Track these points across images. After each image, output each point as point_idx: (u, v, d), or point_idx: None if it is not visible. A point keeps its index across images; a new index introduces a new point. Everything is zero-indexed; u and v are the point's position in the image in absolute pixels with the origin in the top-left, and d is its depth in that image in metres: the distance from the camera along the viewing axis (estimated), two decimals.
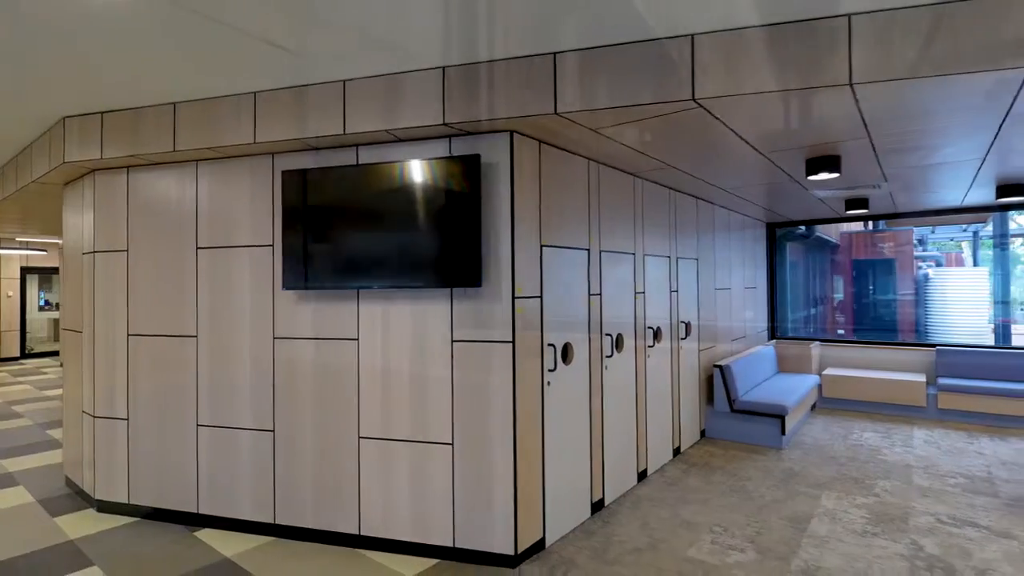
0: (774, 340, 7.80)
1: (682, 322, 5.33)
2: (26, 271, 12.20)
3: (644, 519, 3.81)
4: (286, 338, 3.58)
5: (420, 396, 3.32)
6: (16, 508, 4.09)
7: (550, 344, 3.46)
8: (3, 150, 4.72)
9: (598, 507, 3.94)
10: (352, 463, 3.44)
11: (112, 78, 3.14)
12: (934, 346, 6.89)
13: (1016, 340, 8.93)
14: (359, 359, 3.43)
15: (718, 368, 5.65)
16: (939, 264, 12.81)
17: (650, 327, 4.73)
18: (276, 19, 2.48)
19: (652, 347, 4.74)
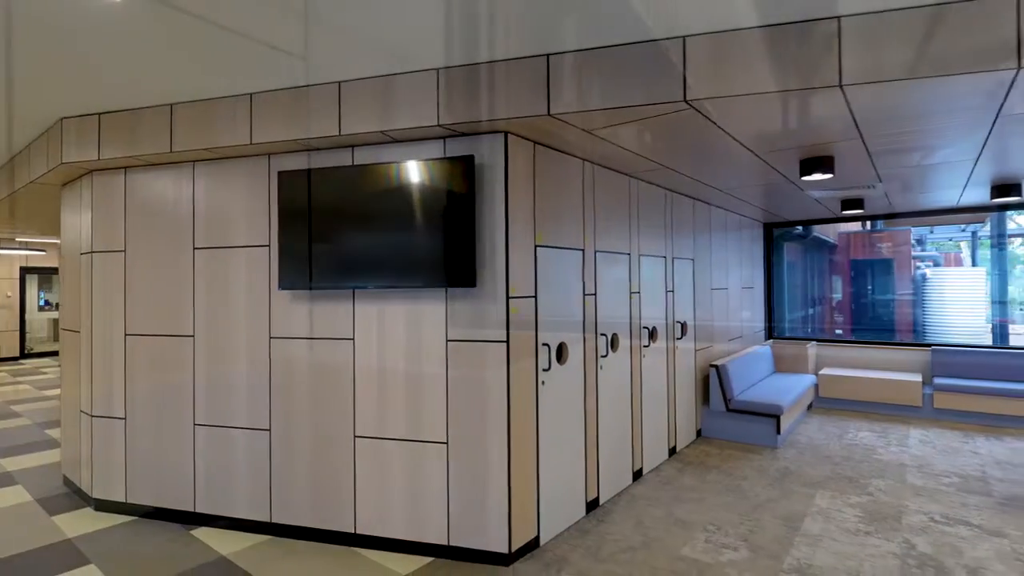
0: (771, 340, 7.82)
1: (678, 322, 5.35)
2: (25, 271, 12.23)
3: (638, 518, 3.83)
4: (282, 338, 3.60)
5: (415, 395, 3.34)
6: (14, 507, 4.12)
7: (544, 344, 3.49)
8: (1, 151, 4.74)
9: (593, 506, 3.96)
10: (348, 462, 3.46)
11: (110, 79, 3.16)
12: (930, 346, 6.90)
13: (1014, 340, 8.94)
14: (355, 359, 3.45)
15: (714, 368, 5.67)
16: (937, 264, 12.83)
17: (646, 327, 4.75)
18: (273, 21, 2.50)
19: (648, 347, 4.76)
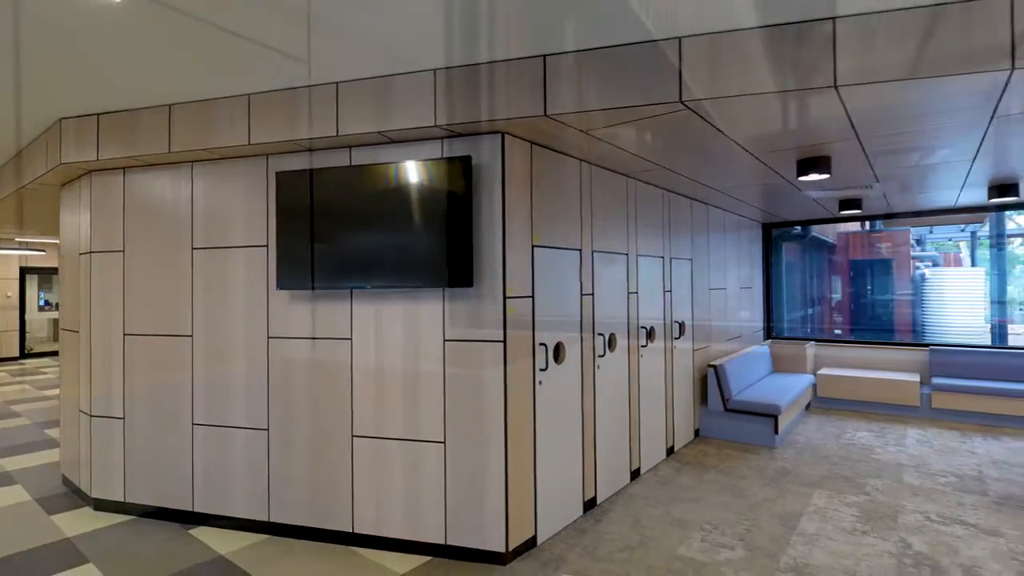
0: (769, 340, 7.83)
1: (676, 322, 5.36)
2: (25, 271, 12.24)
3: (636, 517, 3.84)
4: (281, 338, 3.61)
5: (413, 395, 3.35)
6: (14, 506, 4.13)
7: (542, 343, 3.50)
8: (1, 151, 4.75)
9: (590, 505, 3.97)
10: (346, 461, 3.48)
11: (109, 80, 3.17)
12: (928, 346, 6.91)
13: (1012, 340, 8.95)
14: (352, 358, 3.46)
15: (712, 368, 5.68)
16: (936, 264, 12.84)
17: (643, 327, 4.76)
18: (271, 21, 2.51)
19: (645, 347, 4.77)
